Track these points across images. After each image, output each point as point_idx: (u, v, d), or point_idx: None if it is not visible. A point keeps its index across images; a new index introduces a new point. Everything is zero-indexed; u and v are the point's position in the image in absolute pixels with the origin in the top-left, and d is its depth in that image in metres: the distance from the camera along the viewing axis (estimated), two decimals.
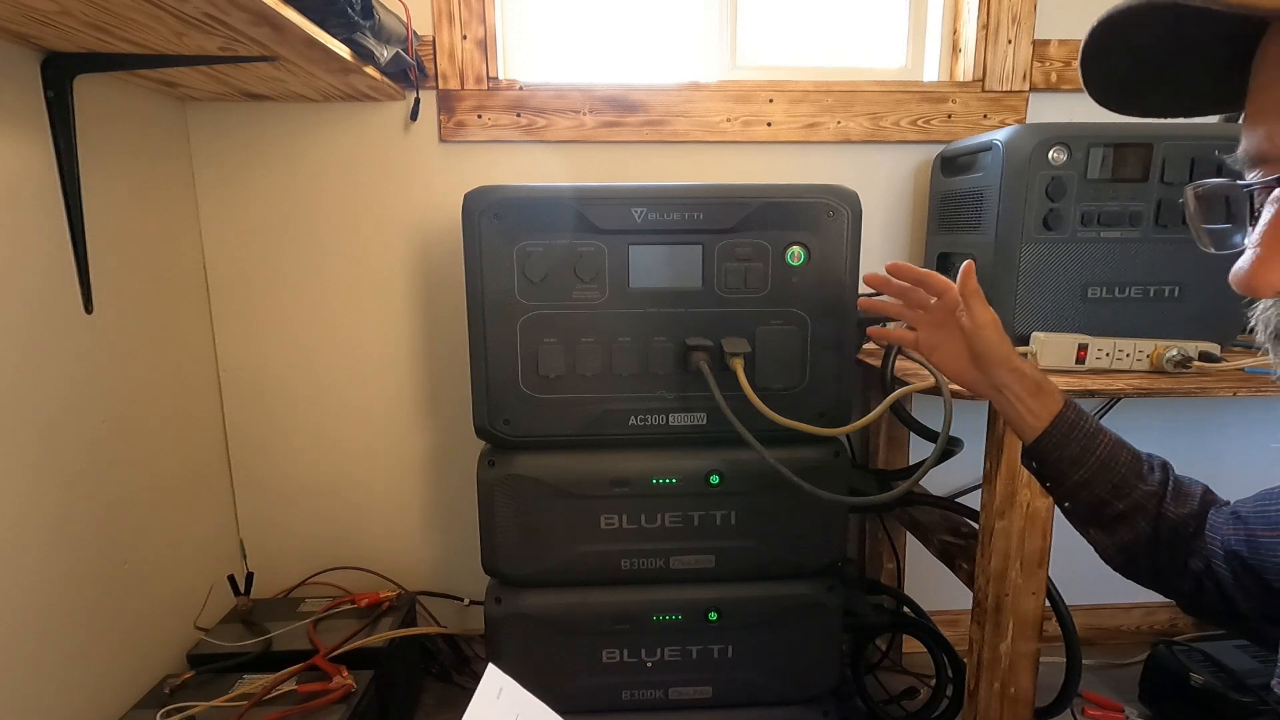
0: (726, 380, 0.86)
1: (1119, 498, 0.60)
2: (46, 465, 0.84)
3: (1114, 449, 0.61)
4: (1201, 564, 0.59)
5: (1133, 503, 0.60)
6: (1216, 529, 0.58)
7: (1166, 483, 0.61)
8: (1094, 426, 0.62)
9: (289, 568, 1.27)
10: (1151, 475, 0.61)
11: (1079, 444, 0.61)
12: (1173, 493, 0.61)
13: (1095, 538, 0.64)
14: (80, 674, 0.89)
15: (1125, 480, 0.60)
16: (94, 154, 0.90)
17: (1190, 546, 0.59)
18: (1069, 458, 0.62)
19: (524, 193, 0.87)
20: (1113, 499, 0.61)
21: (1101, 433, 0.62)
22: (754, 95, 1.18)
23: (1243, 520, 0.57)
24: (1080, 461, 0.61)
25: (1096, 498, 0.61)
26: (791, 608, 0.96)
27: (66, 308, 0.88)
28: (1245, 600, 0.56)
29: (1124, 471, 0.61)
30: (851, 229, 0.88)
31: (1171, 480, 0.62)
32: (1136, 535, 0.61)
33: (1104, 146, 0.90)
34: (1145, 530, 0.60)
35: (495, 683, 0.57)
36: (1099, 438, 0.61)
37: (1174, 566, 0.60)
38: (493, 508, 0.92)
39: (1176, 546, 0.60)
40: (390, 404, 1.25)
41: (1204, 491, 0.62)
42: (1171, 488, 0.61)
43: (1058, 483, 0.64)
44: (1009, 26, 1.18)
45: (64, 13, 0.68)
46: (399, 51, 0.98)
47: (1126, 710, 1.17)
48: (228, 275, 1.19)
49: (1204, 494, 0.61)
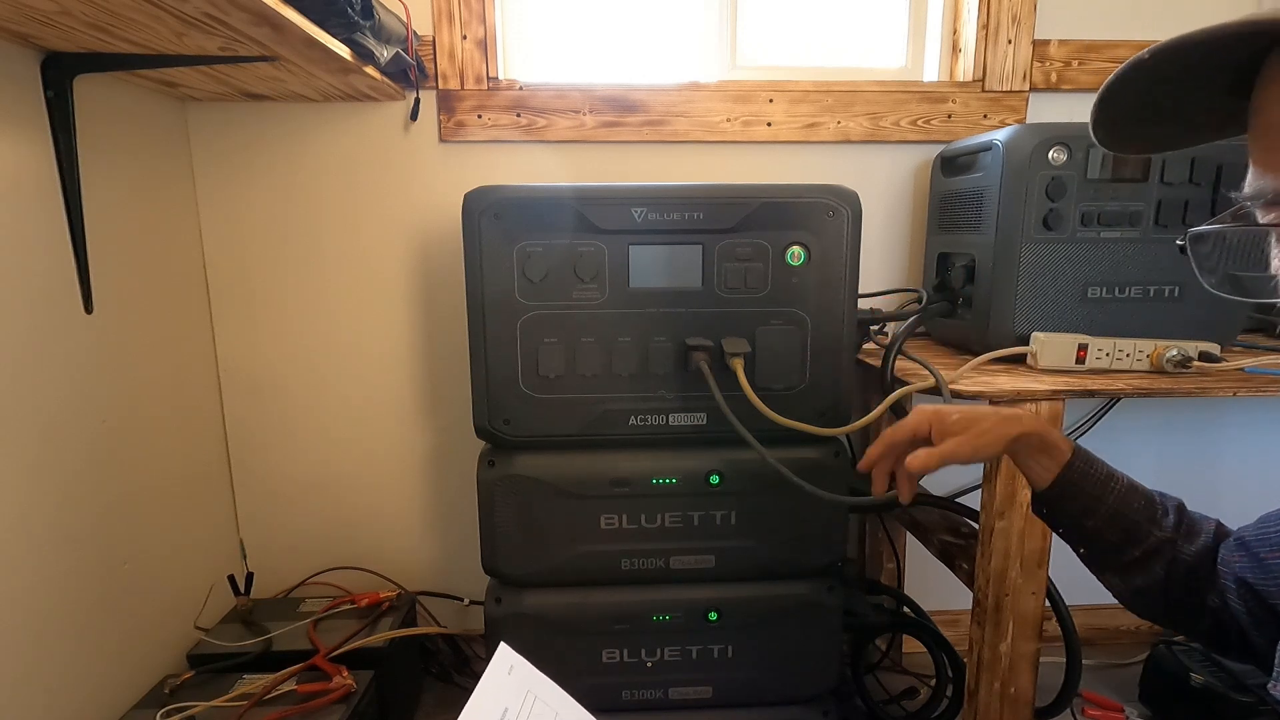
0: (726, 380, 0.86)
1: (1133, 544, 0.59)
2: (47, 465, 0.84)
3: (1126, 495, 0.60)
4: (1218, 600, 0.58)
5: (1147, 549, 0.59)
6: (1227, 562, 0.57)
7: (1180, 525, 0.60)
8: (1104, 473, 0.61)
9: (289, 568, 1.27)
10: (1165, 519, 0.60)
11: (1089, 492, 0.60)
12: (1185, 532, 0.60)
13: (1110, 582, 0.63)
14: (80, 674, 0.89)
15: (1138, 526, 0.59)
16: (94, 154, 0.90)
17: (1205, 583, 0.58)
18: (1080, 507, 0.61)
19: (524, 193, 0.87)
20: (1127, 546, 0.60)
21: (1112, 479, 0.61)
22: (754, 95, 1.18)
23: (1246, 546, 0.56)
24: (1092, 510, 0.60)
25: (1110, 545, 0.60)
26: (791, 608, 0.96)
27: (66, 308, 0.88)
28: (1258, 631, 0.56)
29: (1137, 518, 0.59)
30: (851, 229, 0.88)
31: (1185, 521, 0.61)
32: (1151, 580, 0.60)
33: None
34: (1159, 574, 0.59)
35: (506, 660, 0.57)
36: (1110, 485, 0.60)
37: (1190, 605, 0.59)
38: (493, 508, 0.92)
39: (1192, 585, 0.59)
40: (390, 404, 1.25)
41: (1216, 527, 0.61)
42: (1185, 528, 0.60)
43: (1070, 530, 0.63)
44: (1009, 26, 1.18)
45: (64, 13, 0.68)
46: (399, 51, 0.98)
47: (1126, 710, 1.17)
48: (228, 275, 1.19)
49: (1216, 529, 0.60)
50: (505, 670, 0.57)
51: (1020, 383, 0.83)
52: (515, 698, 0.55)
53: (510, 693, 0.55)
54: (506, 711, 0.54)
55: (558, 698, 0.58)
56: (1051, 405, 0.80)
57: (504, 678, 0.56)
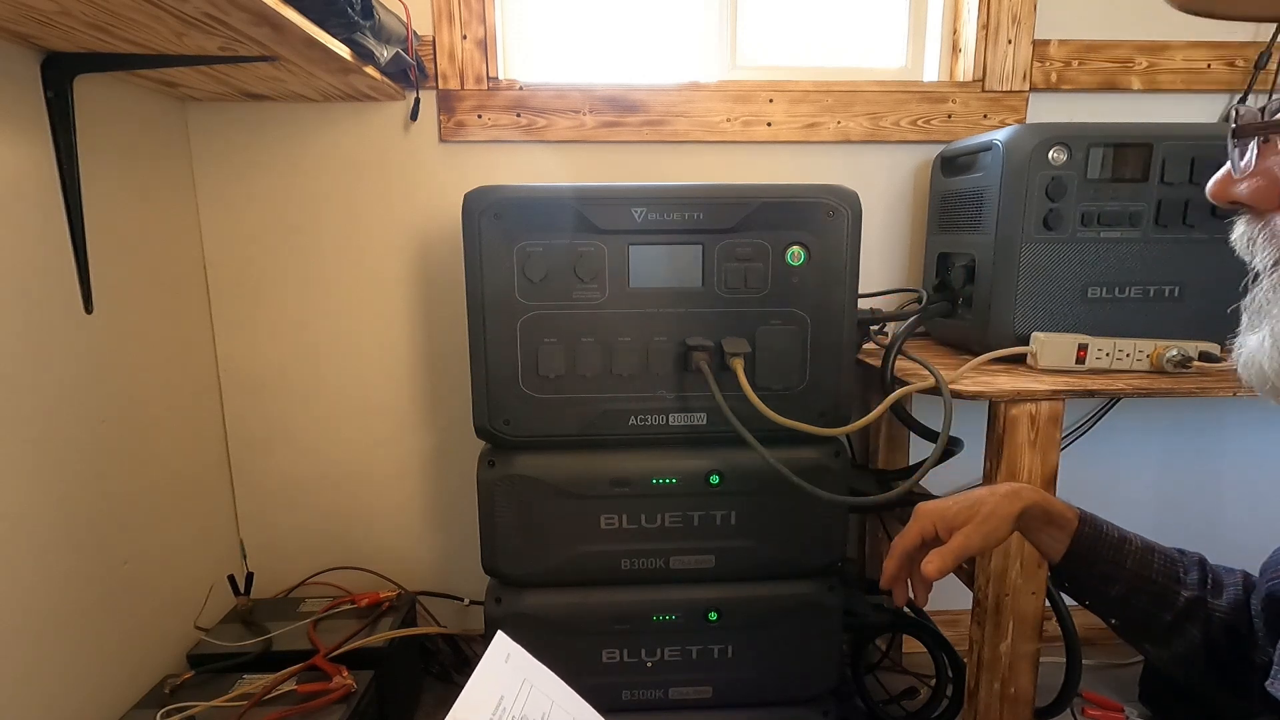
0: (726, 380, 0.86)
1: (1164, 608, 0.59)
2: (46, 465, 0.84)
3: (1143, 555, 0.60)
4: (1265, 656, 0.55)
5: (1179, 611, 0.58)
6: (1258, 613, 0.56)
7: (1205, 580, 0.59)
8: (1116, 536, 0.61)
9: (289, 568, 1.27)
10: (1189, 576, 0.59)
11: (1106, 558, 0.60)
12: (1213, 587, 0.58)
13: (1151, 653, 0.62)
14: (80, 674, 0.89)
15: (1165, 587, 0.59)
16: (94, 154, 0.90)
17: (1247, 640, 0.57)
18: (1100, 574, 0.60)
19: (524, 193, 0.87)
20: (1159, 610, 0.59)
21: (1126, 541, 0.60)
22: (754, 95, 1.18)
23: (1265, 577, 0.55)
24: (1112, 577, 0.59)
25: (1142, 612, 0.60)
26: (791, 608, 0.96)
27: (66, 307, 0.88)
28: None
29: (1160, 579, 0.59)
30: (851, 229, 0.88)
31: (1210, 575, 0.60)
32: (1190, 644, 0.59)
33: (1104, 146, 0.90)
34: (1197, 636, 0.58)
35: (503, 649, 0.57)
36: (1125, 547, 0.60)
37: (1239, 665, 0.57)
38: (493, 508, 0.92)
39: (1234, 644, 0.57)
40: (390, 404, 1.25)
41: (1243, 578, 0.60)
42: (1211, 583, 0.59)
43: (1097, 600, 0.62)
44: (1009, 26, 1.18)
45: (64, 13, 0.68)
46: (399, 51, 0.98)
47: (1126, 710, 1.17)
48: (228, 275, 1.19)
49: (1243, 580, 0.59)
50: (502, 658, 0.56)
51: (1020, 383, 0.83)
52: (511, 686, 0.55)
53: (506, 681, 0.55)
54: (502, 699, 0.53)
55: (554, 686, 0.57)
56: (1051, 405, 0.80)
57: (500, 665, 0.56)
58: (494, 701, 0.53)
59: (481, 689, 0.53)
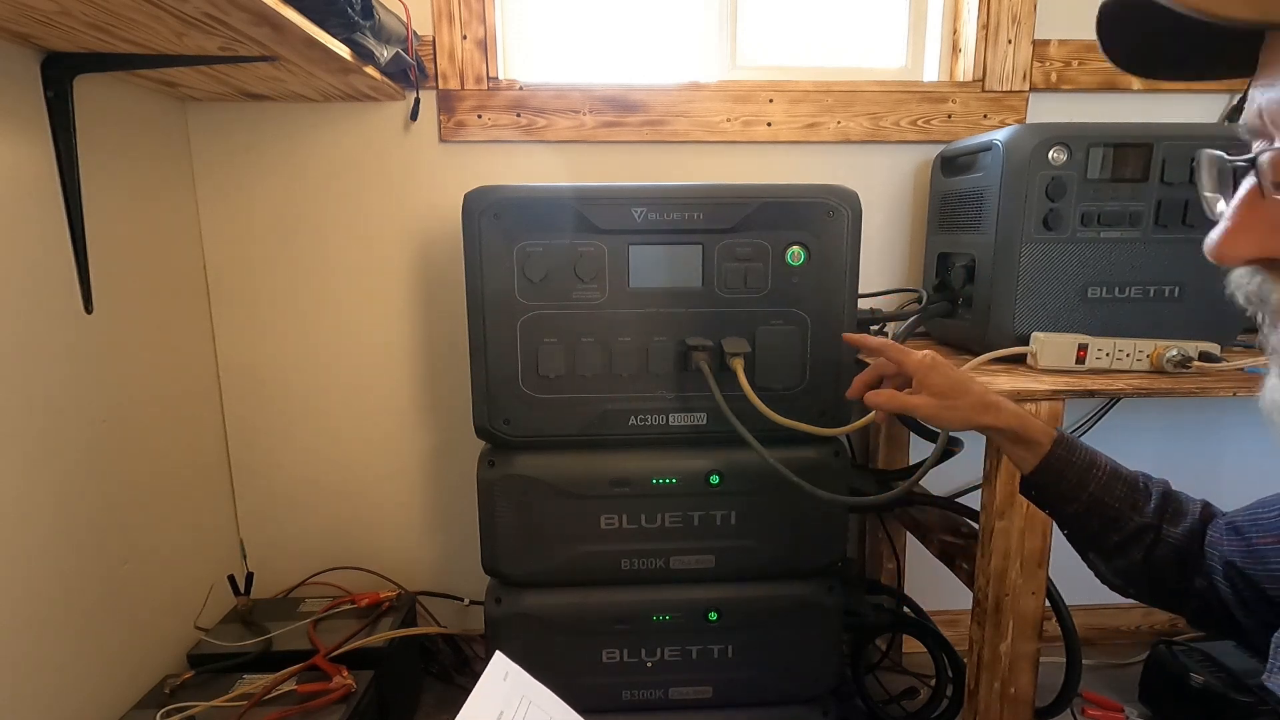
0: (726, 380, 0.86)
1: (1114, 530, 0.61)
2: (46, 465, 0.84)
3: (1108, 483, 0.62)
4: (1204, 582, 0.59)
5: (1127, 534, 0.61)
6: (1215, 544, 0.58)
7: (1164, 509, 0.61)
8: (1085, 461, 0.62)
9: (289, 567, 1.27)
10: (1147, 505, 0.61)
11: (1070, 480, 0.62)
12: (1170, 515, 0.61)
13: (1092, 562, 0.65)
14: (80, 674, 0.89)
15: (1120, 514, 0.61)
16: (94, 154, 0.90)
17: (1192, 566, 0.59)
18: (1060, 493, 0.63)
19: (524, 193, 0.87)
20: (1108, 532, 0.62)
21: (1094, 467, 0.62)
22: (754, 95, 1.18)
23: (1238, 531, 0.57)
24: (1072, 498, 0.62)
25: (1092, 531, 0.62)
26: (791, 608, 0.96)
27: (66, 308, 0.88)
28: (1245, 614, 0.57)
29: (1118, 505, 0.61)
30: (851, 229, 0.88)
31: (1170, 504, 0.61)
32: (1131, 563, 0.61)
33: (1104, 146, 0.90)
34: (1138, 557, 0.61)
35: (501, 667, 0.58)
36: (1091, 473, 0.62)
37: (1178, 587, 0.61)
38: (493, 508, 0.92)
39: (1179, 567, 0.60)
40: (390, 404, 1.25)
41: (1203, 507, 0.61)
42: (1170, 511, 0.61)
43: (1054, 512, 0.66)
44: (1009, 26, 1.18)
45: (64, 13, 0.68)
46: (399, 51, 0.98)
47: (1126, 710, 1.17)
48: (228, 275, 1.19)
49: (1203, 509, 0.61)
50: (500, 676, 0.57)
51: (1020, 383, 0.83)
52: (510, 702, 0.56)
53: (505, 697, 0.56)
54: (501, 715, 0.54)
55: (552, 703, 0.58)
56: (1051, 405, 0.80)
57: (499, 684, 0.57)
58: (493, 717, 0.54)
59: (480, 706, 0.54)
